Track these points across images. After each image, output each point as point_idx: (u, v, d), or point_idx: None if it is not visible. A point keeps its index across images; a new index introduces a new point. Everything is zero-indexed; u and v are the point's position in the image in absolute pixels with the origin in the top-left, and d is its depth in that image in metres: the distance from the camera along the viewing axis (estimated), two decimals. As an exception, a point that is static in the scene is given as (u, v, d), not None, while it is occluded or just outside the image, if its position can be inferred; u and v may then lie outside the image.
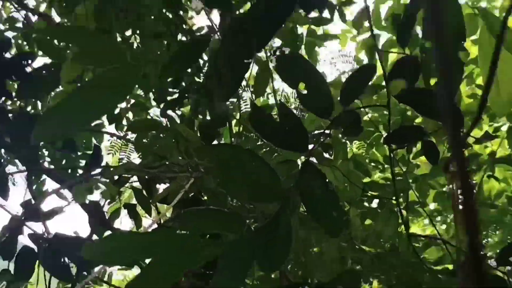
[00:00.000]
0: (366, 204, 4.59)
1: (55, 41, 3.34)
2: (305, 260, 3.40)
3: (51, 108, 2.10)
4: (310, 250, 3.39)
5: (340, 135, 3.90)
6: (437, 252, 4.46)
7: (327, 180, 2.52)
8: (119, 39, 4.04)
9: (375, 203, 4.69)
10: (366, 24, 4.81)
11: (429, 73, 2.84)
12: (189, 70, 3.45)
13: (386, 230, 3.07)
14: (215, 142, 2.64)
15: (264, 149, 3.64)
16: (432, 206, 5.24)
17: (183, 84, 3.97)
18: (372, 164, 4.81)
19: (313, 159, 3.05)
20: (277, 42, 4.73)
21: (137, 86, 4.13)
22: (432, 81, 2.75)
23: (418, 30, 3.78)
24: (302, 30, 4.80)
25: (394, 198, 2.75)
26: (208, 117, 2.46)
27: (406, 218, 4.25)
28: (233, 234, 2.30)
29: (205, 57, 3.68)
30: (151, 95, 4.23)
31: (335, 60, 5.54)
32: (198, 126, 2.65)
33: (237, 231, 2.28)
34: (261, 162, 2.31)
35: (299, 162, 3.14)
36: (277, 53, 2.44)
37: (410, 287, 2.79)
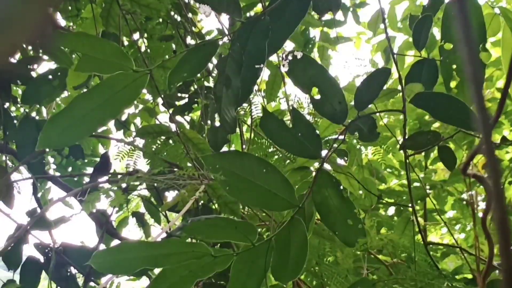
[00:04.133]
0: (382, 212, 4.52)
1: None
2: (319, 269, 3.34)
3: (56, 114, 2.04)
4: (325, 260, 3.33)
5: (354, 141, 3.83)
6: (456, 261, 4.38)
7: (342, 188, 2.46)
8: (126, 42, 3.99)
9: (391, 211, 4.62)
10: (381, 26, 4.74)
11: (449, 76, 2.77)
12: (198, 74, 3.39)
13: (402, 239, 3.00)
14: (224, 149, 2.57)
15: (277, 156, 3.57)
16: (450, 214, 5.15)
17: (193, 88, 3.92)
18: (388, 170, 4.73)
19: (328, 166, 2.97)
20: (289, 45, 4.67)
21: (145, 91, 4.08)
22: (453, 84, 2.68)
23: (436, 31, 3.71)
24: (314, 33, 4.74)
25: (410, 205, 2.67)
26: (217, 123, 2.39)
27: (423, 226, 4.18)
28: (244, 243, 2.25)
29: (215, 61, 3.63)
30: (159, 100, 4.18)
31: (349, 64, 5.47)
32: (206, 132, 2.59)
33: (248, 240, 2.22)
34: (272, 169, 2.25)
35: (313, 169, 3.07)
36: (289, 57, 2.37)
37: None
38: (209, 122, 2.48)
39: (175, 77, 2.30)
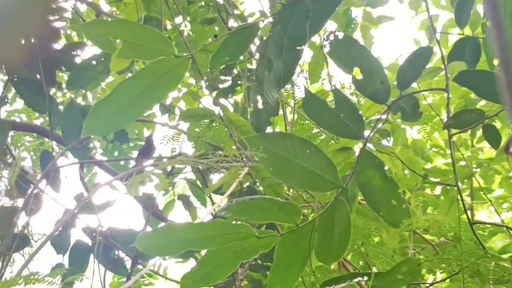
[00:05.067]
0: (428, 191, 4.49)
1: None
2: (365, 249, 3.33)
3: (100, 101, 2.07)
4: (370, 240, 3.32)
5: (399, 120, 3.81)
6: (504, 240, 4.33)
7: (385, 168, 2.45)
8: (169, 26, 4.01)
9: (438, 190, 4.58)
10: (423, 4, 4.69)
11: (492, 54, 2.74)
12: (241, 57, 3.40)
13: (447, 219, 2.97)
14: (268, 130, 2.57)
15: (321, 137, 3.57)
16: (498, 192, 5.08)
17: (236, 71, 3.93)
18: (434, 149, 4.70)
19: (371, 146, 2.95)
20: (331, 26, 4.66)
21: (188, 74, 4.10)
22: (496, 62, 2.64)
23: (481, 8, 3.66)
24: (357, 12, 4.71)
25: (454, 185, 2.64)
26: (260, 106, 2.39)
27: (470, 205, 4.14)
28: (288, 224, 2.26)
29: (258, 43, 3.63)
30: (203, 83, 4.20)
31: (392, 43, 5.42)
32: (249, 115, 2.59)
33: (292, 221, 2.23)
34: (316, 150, 2.25)
35: (357, 149, 3.07)
36: (330, 37, 2.36)
37: (475, 276, 2.71)
38: (251, 104, 2.47)
39: (217, 61, 2.32)
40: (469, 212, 3.69)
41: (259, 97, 2.42)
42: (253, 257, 2.28)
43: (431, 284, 3.12)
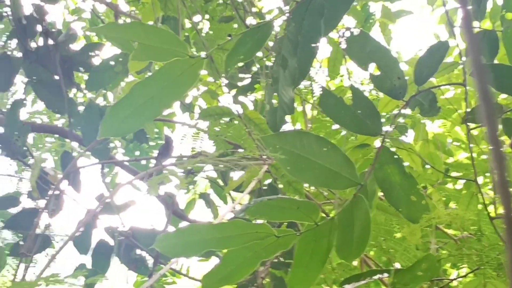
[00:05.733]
0: (450, 185, 4.45)
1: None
2: (387, 246, 3.32)
3: (116, 103, 2.08)
4: (392, 236, 3.31)
5: (419, 115, 3.79)
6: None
7: (404, 164, 2.44)
8: (188, 25, 4.02)
9: (460, 185, 4.54)
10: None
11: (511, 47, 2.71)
12: (260, 54, 3.40)
13: (467, 213, 2.95)
14: (284, 129, 2.57)
15: (341, 134, 3.57)
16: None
17: (255, 68, 3.93)
18: (455, 143, 4.66)
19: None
20: (350, 21, 4.63)
21: (206, 73, 4.11)
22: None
23: (501, 1, 3.62)
24: (375, 7, 4.68)
25: (473, 180, 2.63)
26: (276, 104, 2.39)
27: (492, 199, 4.10)
28: (307, 223, 2.25)
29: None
30: (222, 81, 4.20)
31: (412, 37, 5.39)
32: (265, 113, 2.59)
33: (311, 220, 2.22)
34: (333, 148, 2.24)
35: (377, 145, 3.06)
36: (346, 34, 2.35)
37: (498, 270, 2.69)
38: (267, 103, 2.47)
39: (232, 60, 2.32)
40: (491, 206, 3.65)
41: (274, 95, 2.42)
42: (274, 256, 2.27)
43: (453, 280, 3.10)
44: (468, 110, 2.52)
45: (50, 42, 3.57)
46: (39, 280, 2.23)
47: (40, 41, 3.61)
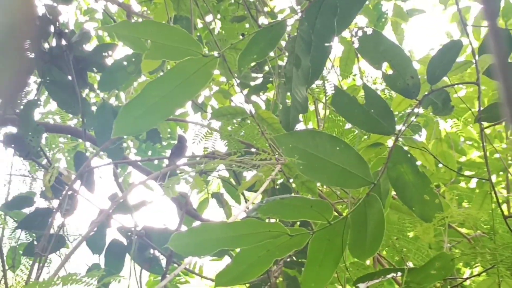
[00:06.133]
0: (463, 184, 4.44)
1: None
2: (400, 245, 3.32)
3: (129, 102, 2.09)
4: (405, 235, 3.30)
5: (431, 114, 3.78)
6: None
7: (417, 163, 2.44)
8: (200, 25, 4.02)
9: (473, 184, 4.53)
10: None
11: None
12: (271, 53, 3.39)
13: (480, 212, 2.94)
14: (298, 128, 2.57)
15: (354, 133, 3.56)
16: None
17: (267, 68, 3.93)
18: (468, 142, 4.64)
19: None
20: (363, 20, 4.63)
21: (219, 72, 4.11)
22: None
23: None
24: (387, 6, 4.67)
25: (487, 179, 2.62)
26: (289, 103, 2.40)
27: (506, 198, 4.09)
28: (321, 222, 2.25)
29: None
30: (234, 81, 4.20)
31: (425, 36, 5.37)
32: (278, 112, 2.59)
33: (324, 219, 2.22)
34: (346, 147, 2.24)
35: (390, 144, 3.05)
36: (359, 33, 2.35)
37: (510, 269, 2.68)
38: (280, 102, 2.47)
39: (245, 60, 2.32)
40: (505, 205, 3.65)
41: (288, 95, 2.42)
42: (287, 255, 2.28)
43: (466, 279, 3.09)
44: (481, 109, 2.51)
45: (63, 42, 3.58)
46: (56, 279, 2.23)
47: (53, 42, 3.62)
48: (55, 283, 2.17)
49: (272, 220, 2.60)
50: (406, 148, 2.60)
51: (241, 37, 3.73)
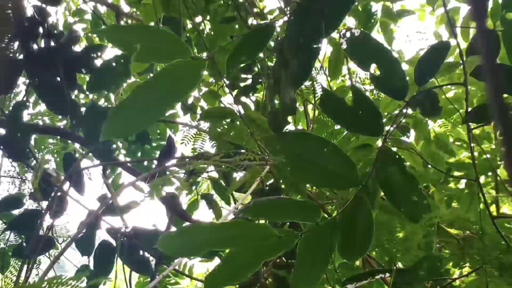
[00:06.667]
0: (453, 185, 4.45)
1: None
2: (389, 246, 3.32)
3: (118, 105, 2.09)
4: (395, 236, 3.31)
5: (419, 115, 3.79)
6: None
7: (405, 164, 2.44)
8: (189, 26, 4.02)
9: (462, 184, 4.54)
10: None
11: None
12: (261, 54, 3.40)
13: (468, 213, 2.96)
14: (291, 127, 2.58)
15: (343, 134, 3.56)
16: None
17: (256, 69, 3.92)
18: (457, 143, 4.66)
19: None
20: (351, 21, 4.63)
21: (208, 74, 4.11)
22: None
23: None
24: (376, 7, 4.67)
25: (474, 180, 2.63)
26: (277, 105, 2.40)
27: (494, 198, 4.10)
28: (309, 223, 2.26)
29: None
30: (223, 82, 4.20)
31: (412, 37, 5.38)
32: (267, 114, 2.59)
33: (312, 220, 2.23)
34: (333, 148, 2.25)
35: (378, 145, 3.06)
36: (347, 34, 2.35)
37: (500, 270, 2.69)
38: (271, 102, 2.47)
39: (233, 61, 2.32)
40: (493, 206, 3.66)
41: (276, 97, 2.42)
42: (276, 256, 2.28)
43: (455, 279, 3.10)
44: (469, 110, 2.52)
45: (52, 44, 3.57)
46: (42, 282, 2.23)
47: (42, 43, 3.61)
48: (41, 287, 2.17)
49: (262, 221, 2.61)
50: (394, 149, 2.60)
51: (232, 39, 3.72)
